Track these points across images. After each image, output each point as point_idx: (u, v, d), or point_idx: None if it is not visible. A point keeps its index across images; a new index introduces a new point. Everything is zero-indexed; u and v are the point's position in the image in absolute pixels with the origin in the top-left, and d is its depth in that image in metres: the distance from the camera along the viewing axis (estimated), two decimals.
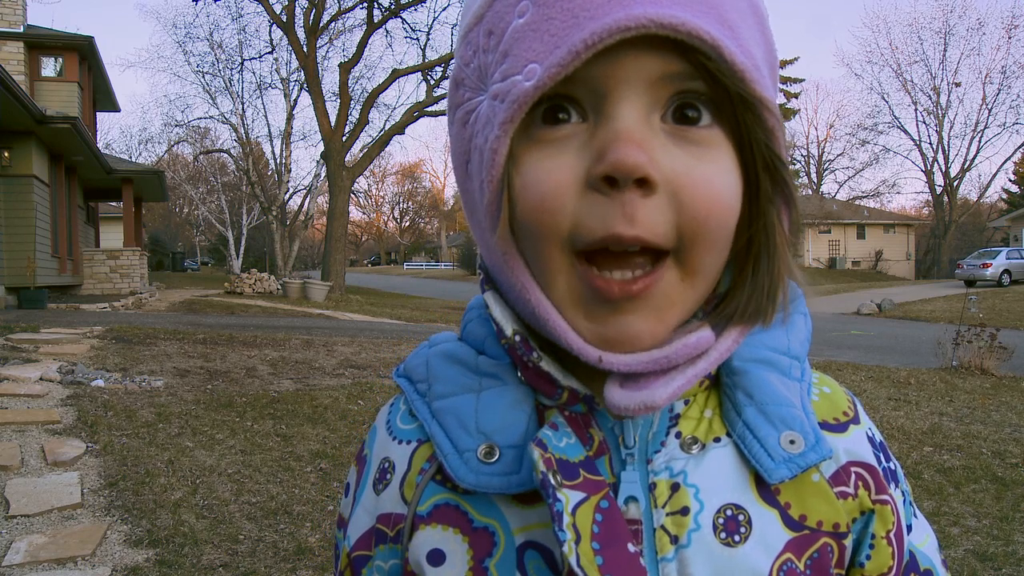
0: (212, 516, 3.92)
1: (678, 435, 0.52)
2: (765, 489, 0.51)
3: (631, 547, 0.47)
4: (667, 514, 0.50)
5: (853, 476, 0.54)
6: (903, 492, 0.58)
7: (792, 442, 0.51)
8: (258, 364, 7.83)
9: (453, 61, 0.54)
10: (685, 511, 0.50)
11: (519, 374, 0.54)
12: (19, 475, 4.25)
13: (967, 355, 8.97)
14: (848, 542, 0.53)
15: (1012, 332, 12.37)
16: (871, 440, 0.57)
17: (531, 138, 0.47)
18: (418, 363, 0.60)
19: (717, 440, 0.52)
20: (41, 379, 6.24)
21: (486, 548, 0.52)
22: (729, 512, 0.50)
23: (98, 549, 3.46)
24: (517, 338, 0.52)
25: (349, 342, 9.84)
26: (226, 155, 38.35)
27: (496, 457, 0.52)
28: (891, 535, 0.54)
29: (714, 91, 0.45)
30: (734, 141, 0.47)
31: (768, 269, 0.49)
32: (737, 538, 0.50)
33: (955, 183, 48.63)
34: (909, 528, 0.58)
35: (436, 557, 0.53)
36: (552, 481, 0.48)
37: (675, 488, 0.51)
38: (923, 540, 0.59)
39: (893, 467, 0.58)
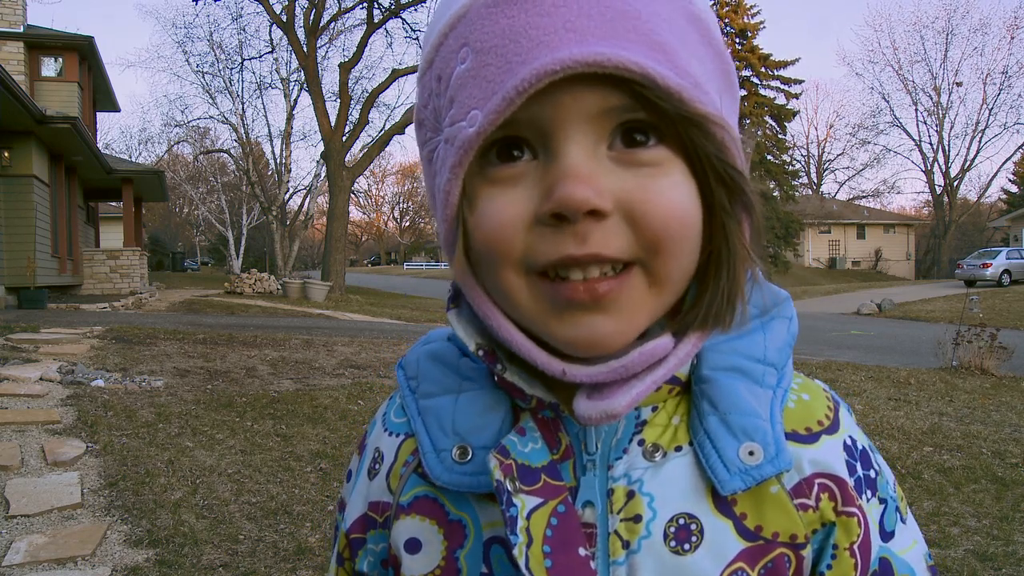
0: (212, 516, 3.92)
1: (641, 443, 0.54)
2: (720, 499, 0.52)
3: (582, 551, 0.50)
4: (621, 520, 0.52)
5: (816, 488, 0.53)
6: (884, 499, 0.57)
7: (751, 453, 0.51)
8: (258, 364, 7.83)
9: (415, 102, 0.56)
10: (638, 519, 0.52)
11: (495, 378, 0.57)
12: (19, 475, 4.25)
13: (967, 355, 8.97)
14: (807, 552, 0.53)
15: (1012, 332, 12.36)
16: (849, 448, 0.56)
17: (485, 176, 0.49)
18: (412, 359, 0.63)
19: (678, 449, 0.53)
20: (41, 379, 6.24)
21: (458, 540, 0.55)
22: (681, 521, 0.51)
23: (98, 549, 3.46)
24: (480, 352, 0.55)
25: (349, 342, 9.84)
26: (226, 155, 38.40)
27: (469, 457, 0.55)
28: (854, 547, 0.54)
29: (655, 115, 0.46)
30: (684, 157, 0.48)
31: (728, 276, 0.50)
32: (687, 546, 0.51)
33: (955, 183, 48.67)
34: (892, 534, 0.57)
35: (413, 545, 0.57)
36: (508, 487, 0.50)
37: (630, 496, 0.52)
38: (908, 546, 0.58)
39: (873, 475, 0.57)
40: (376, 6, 23.51)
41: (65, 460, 4.47)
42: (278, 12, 23.13)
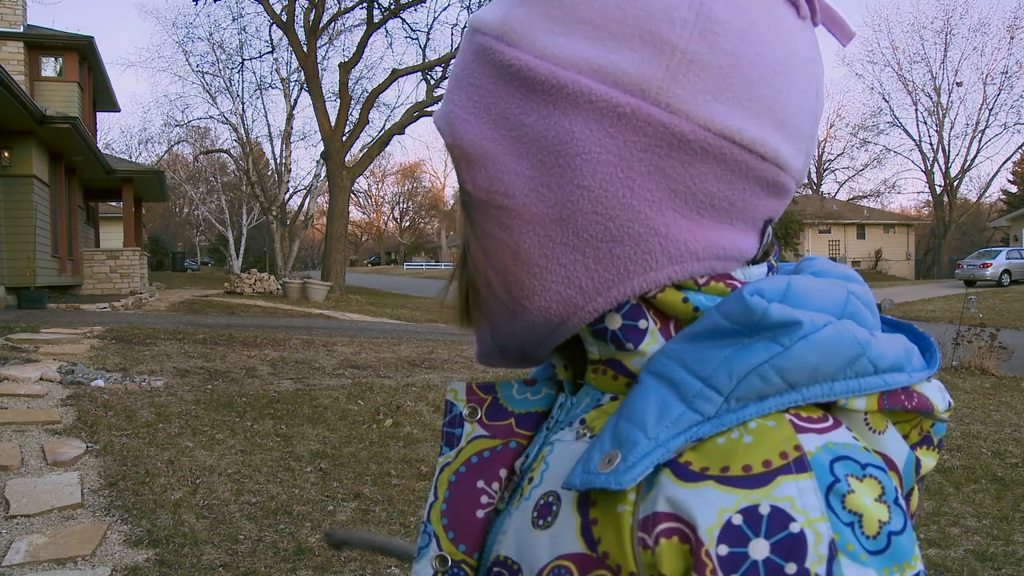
0: (212, 516, 3.92)
1: (583, 421, 0.54)
2: (584, 495, 0.49)
3: (480, 484, 0.57)
4: (527, 478, 0.55)
5: (661, 529, 0.44)
6: None
7: (609, 461, 0.47)
8: (258, 364, 7.83)
9: None
10: (531, 480, 0.54)
11: None
12: (19, 475, 4.25)
13: (967, 355, 8.98)
14: None
15: (1012, 332, 12.36)
16: (756, 517, 0.40)
17: None
18: None
19: (593, 436, 0.52)
20: (41, 379, 6.24)
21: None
22: (550, 499, 0.51)
23: (98, 549, 3.46)
24: None
25: (349, 342, 9.84)
26: (226, 155, 38.41)
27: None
28: None
29: None
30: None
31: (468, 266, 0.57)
32: (541, 523, 0.51)
33: (955, 183, 48.68)
34: None
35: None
36: (462, 412, 0.60)
37: (541, 460, 0.55)
38: None
39: (789, 572, 0.39)
40: (376, 6, 23.53)
41: (65, 460, 4.47)
42: (278, 12, 23.13)
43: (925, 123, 60.18)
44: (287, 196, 36.28)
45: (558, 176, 0.47)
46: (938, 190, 49.44)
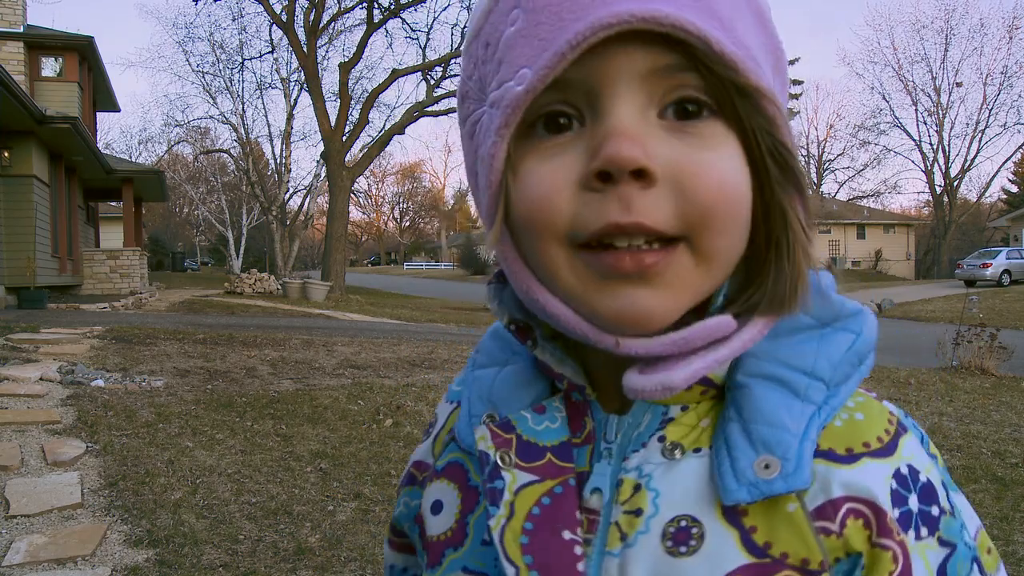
0: (212, 516, 3.92)
1: (661, 439, 0.51)
2: (730, 508, 0.48)
3: (567, 534, 0.50)
4: (623, 512, 0.50)
5: (844, 512, 0.48)
6: (951, 544, 0.50)
7: (767, 467, 0.47)
8: (258, 364, 7.83)
9: (459, 76, 0.56)
10: (639, 512, 0.50)
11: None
12: (19, 475, 4.25)
13: (967, 355, 8.98)
14: None
15: (1012, 332, 12.36)
16: (903, 478, 0.49)
17: (531, 147, 0.48)
18: (485, 335, 0.65)
19: (697, 451, 0.50)
20: (41, 379, 6.24)
21: (471, 505, 0.57)
22: (683, 523, 0.49)
23: (98, 549, 3.46)
24: (512, 328, 0.55)
25: (349, 342, 9.84)
26: (226, 155, 38.43)
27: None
28: None
29: (709, 82, 0.45)
30: (738, 133, 0.46)
31: (790, 257, 0.48)
32: (684, 549, 0.48)
33: (955, 183, 48.71)
34: None
35: (436, 507, 0.59)
36: (497, 459, 0.53)
37: (637, 488, 0.50)
38: None
39: (935, 513, 0.49)
40: (376, 6, 23.54)
41: (65, 460, 4.47)
42: (278, 12, 23.14)
43: (925, 123, 60.27)
44: (287, 196, 36.30)
45: None
46: (938, 190, 49.48)
